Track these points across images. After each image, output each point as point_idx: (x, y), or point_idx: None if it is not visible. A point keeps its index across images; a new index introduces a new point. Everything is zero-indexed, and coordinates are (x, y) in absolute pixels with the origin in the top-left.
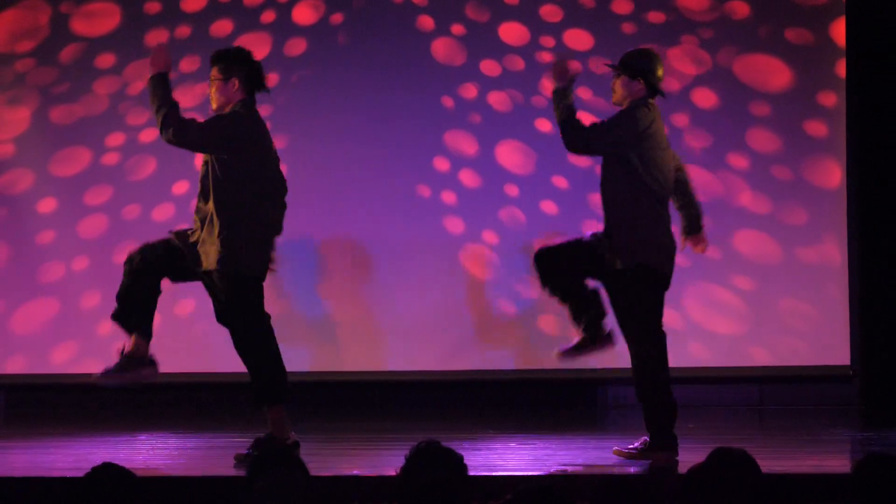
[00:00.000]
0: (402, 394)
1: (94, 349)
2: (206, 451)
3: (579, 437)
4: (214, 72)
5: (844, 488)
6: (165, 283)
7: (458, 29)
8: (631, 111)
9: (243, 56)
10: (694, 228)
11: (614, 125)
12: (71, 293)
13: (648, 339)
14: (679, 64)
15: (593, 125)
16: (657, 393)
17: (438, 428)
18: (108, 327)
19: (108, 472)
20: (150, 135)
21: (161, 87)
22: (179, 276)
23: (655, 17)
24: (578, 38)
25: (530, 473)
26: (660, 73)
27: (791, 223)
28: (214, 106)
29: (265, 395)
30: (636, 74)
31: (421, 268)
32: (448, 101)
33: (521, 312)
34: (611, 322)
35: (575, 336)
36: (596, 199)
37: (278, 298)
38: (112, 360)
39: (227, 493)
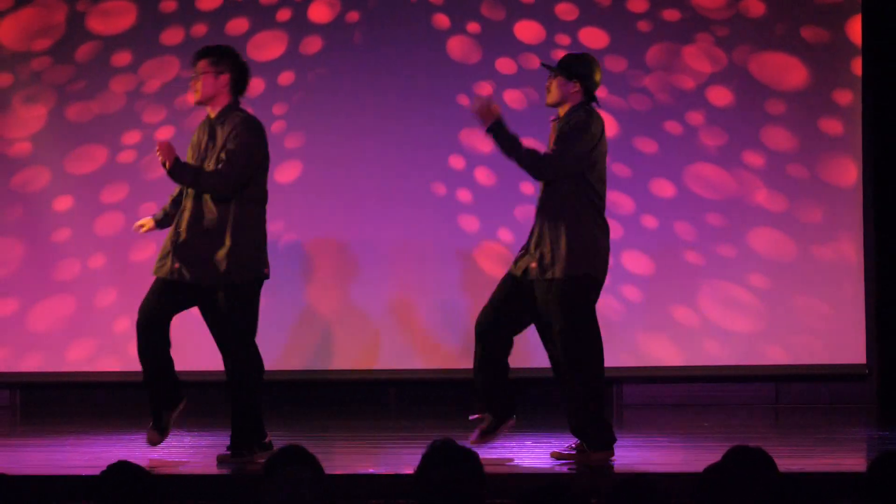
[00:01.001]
0: (418, 392)
1: (110, 347)
2: (221, 449)
3: None
4: (204, 64)
5: (860, 487)
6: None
7: (473, 27)
8: (585, 125)
9: (234, 54)
10: None
11: (574, 143)
12: (87, 291)
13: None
14: (694, 62)
15: (555, 151)
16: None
17: (454, 426)
18: (124, 325)
19: (123, 470)
20: (166, 133)
21: (183, 170)
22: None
23: (670, 14)
24: (594, 36)
25: (545, 472)
26: (597, 77)
27: (806, 221)
28: (199, 98)
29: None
30: (573, 77)
31: (436, 266)
32: (463, 100)
33: None
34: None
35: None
36: (611, 196)
37: (295, 297)
38: (128, 359)
39: (242, 491)
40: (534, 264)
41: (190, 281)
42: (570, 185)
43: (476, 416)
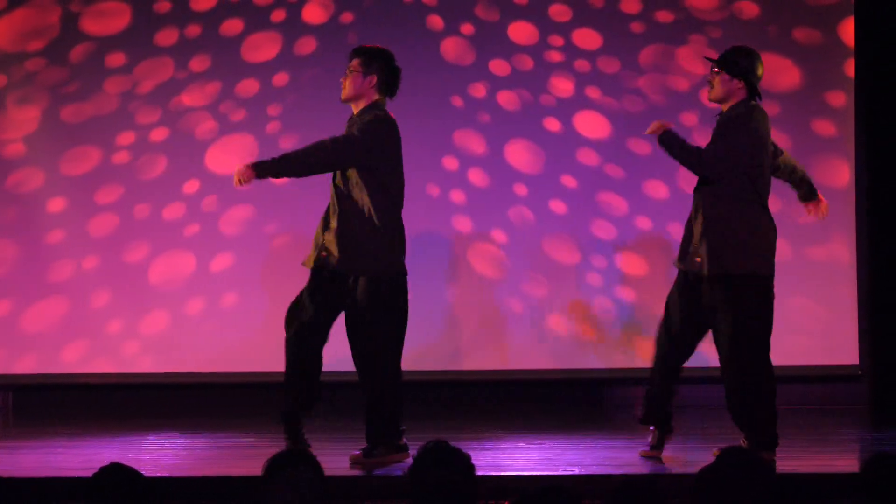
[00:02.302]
0: (410, 393)
1: (104, 348)
2: (214, 450)
3: (588, 437)
4: (355, 63)
5: (853, 488)
6: (176, 286)
7: (467, 28)
8: (746, 119)
9: (386, 56)
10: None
11: (731, 137)
12: (81, 292)
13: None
14: (688, 63)
15: (710, 147)
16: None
17: (446, 428)
18: (118, 326)
19: (116, 472)
20: (160, 134)
21: (265, 166)
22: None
23: (664, 16)
24: (587, 38)
25: (538, 473)
26: (760, 72)
27: (800, 222)
28: (343, 95)
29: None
30: (737, 74)
31: (429, 266)
32: (457, 101)
33: (529, 311)
34: None
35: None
36: (605, 197)
37: (287, 299)
38: (121, 360)
39: (235, 493)
40: (697, 258)
41: None
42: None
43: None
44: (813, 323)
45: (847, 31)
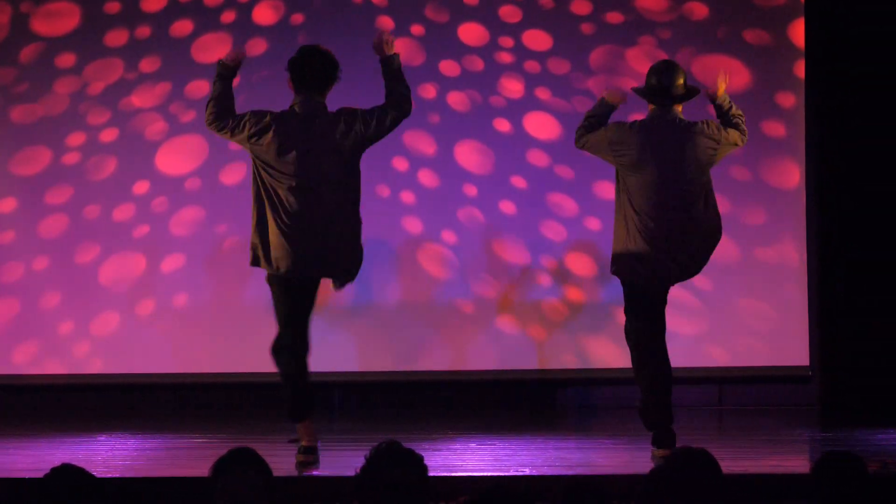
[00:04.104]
0: (362, 394)
1: (54, 349)
2: (165, 451)
3: (539, 437)
4: None
5: (803, 488)
6: (126, 287)
7: (417, 29)
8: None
9: (294, 56)
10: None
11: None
12: (31, 293)
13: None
14: (637, 64)
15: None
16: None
17: (398, 429)
18: (69, 327)
19: (66, 473)
20: (111, 134)
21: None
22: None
23: (614, 17)
24: (537, 39)
25: (490, 474)
26: (651, 81)
27: (750, 223)
28: None
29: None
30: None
31: (379, 268)
32: None
33: (479, 312)
34: None
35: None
36: (555, 198)
37: (238, 298)
38: (72, 361)
39: (187, 494)
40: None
41: None
42: (617, 192)
43: None
44: (763, 324)
45: (797, 32)
